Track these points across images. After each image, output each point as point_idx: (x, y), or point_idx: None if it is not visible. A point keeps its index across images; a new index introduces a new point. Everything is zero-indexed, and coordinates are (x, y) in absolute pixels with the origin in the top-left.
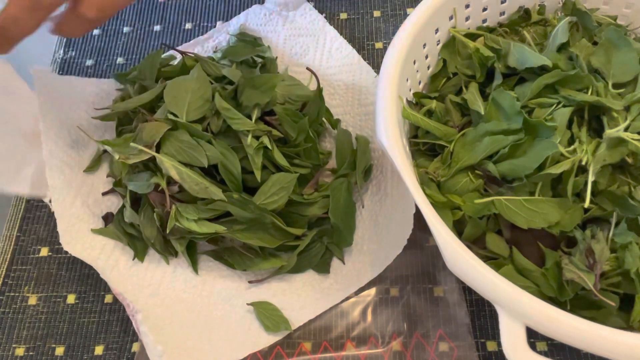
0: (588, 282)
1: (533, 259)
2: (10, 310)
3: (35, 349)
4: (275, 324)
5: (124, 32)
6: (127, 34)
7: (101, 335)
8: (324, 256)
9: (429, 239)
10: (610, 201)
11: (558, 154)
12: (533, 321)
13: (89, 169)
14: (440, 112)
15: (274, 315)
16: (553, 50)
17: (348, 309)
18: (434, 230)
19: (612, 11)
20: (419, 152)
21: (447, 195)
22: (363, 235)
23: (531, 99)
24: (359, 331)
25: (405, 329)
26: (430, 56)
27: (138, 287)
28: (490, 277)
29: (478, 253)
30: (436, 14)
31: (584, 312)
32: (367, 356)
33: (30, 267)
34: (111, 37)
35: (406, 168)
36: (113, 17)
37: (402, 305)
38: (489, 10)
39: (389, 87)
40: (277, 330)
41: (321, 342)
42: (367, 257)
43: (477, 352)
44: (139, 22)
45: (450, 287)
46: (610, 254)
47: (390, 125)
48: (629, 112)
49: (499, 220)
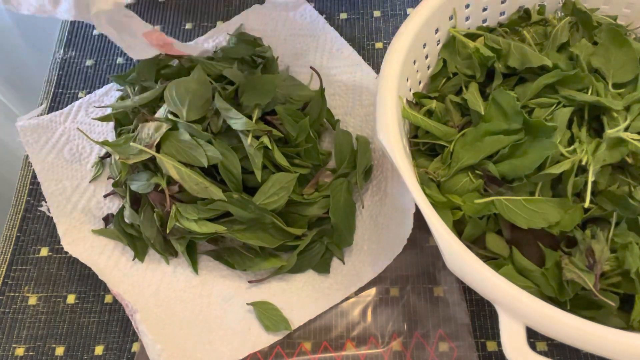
0: (588, 282)
1: (533, 259)
2: (10, 310)
3: (35, 349)
4: (275, 323)
5: None
6: None
7: (101, 335)
8: (324, 256)
9: (429, 239)
10: (610, 201)
11: (558, 154)
12: (533, 321)
13: (94, 178)
14: (440, 112)
15: (274, 315)
16: (553, 50)
17: (348, 309)
18: (434, 230)
19: (612, 11)
20: (419, 152)
21: (447, 195)
22: (363, 235)
23: (531, 99)
24: (359, 331)
25: (405, 329)
26: (430, 56)
27: (138, 287)
28: (490, 277)
29: (478, 253)
30: (436, 14)
31: (584, 312)
32: (367, 356)
33: (30, 267)
34: None
35: (406, 168)
36: None
37: (402, 305)
38: (489, 10)
39: (389, 87)
40: (277, 330)
41: (321, 342)
42: (367, 257)
43: (477, 352)
44: None
45: (450, 287)
46: (610, 254)
47: (390, 125)
48: (629, 112)
49: (499, 220)
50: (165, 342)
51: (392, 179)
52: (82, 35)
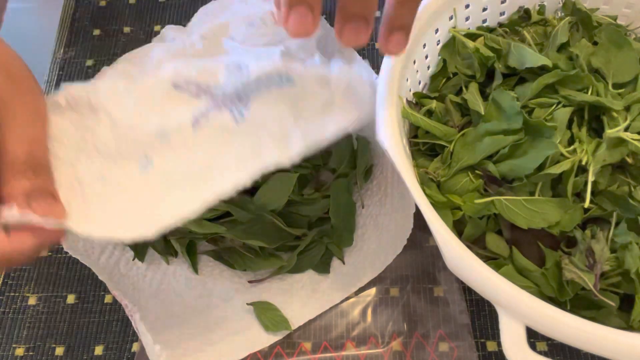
0: (588, 282)
1: (533, 259)
2: (10, 310)
3: (35, 349)
4: (275, 323)
5: (124, 32)
6: (127, 34)
7: (101, 335)
8: (324, 256)
9: (429, 239)
10: (610, 201)
11: (558, 154)
12: (533, 321)
13: None
14: (440, 112)
15: (274, 315)
16: (553, 50)
17: (348, 309)
18: (434, 230)
19: (612, 11)
20: (419, 152)
21: (447, 195)
22: (363, 235)
23: (531, 99)
24: (359, 331)
25: (406, 329)
26: (430, 56)
27: (138, 288)
28: (491, 277)
29: (478, 253)
30: (436, 14)
31: (584, 312)
32: (367, 356)
33: (30, 267)
34: (111, 37)
35: (406, 168)
36: (113, 17)
37: (402, 305)
38: (489, 10)
39: (389, 87)
40: (277, 330)
41: (321, 342)
42: (367, 257)
43: (477, 352)
44: (139, 22)
45: (450, 287)
46: (610, 254)
47: (390, 125)
48: (629, 112)
49: (499, 220)
50: (165, 343)
51: (392, 179)
52: (82, 35)
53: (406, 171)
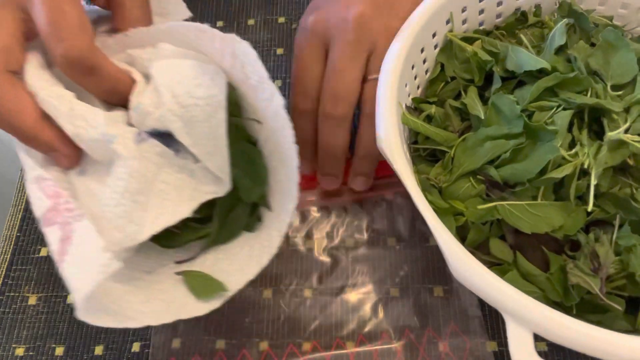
0: (594, 286)
1: (537, 264)
2: (10, 310)
3: (35, 349)
4: (209, 289)
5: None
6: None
7: (101, 335)
8: (251, 212)
9: None
10: (612, 204)
11: (560, 158)
12: (541, 329)
13: None
14: (439, 117)
15: (206, 281)
16: (551, 52)
17: (359, 305)
18: (437, 237)
19: (608, 12)
20: (420, 157)
21: (450, 201)
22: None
23: (531, 103)
24: (371, 327)
25: (417, 324)
26: (428, 60)
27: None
28: (497, 285)
29: (482, 259)
30: (433, 17)
31: (590, 316)
32: (380, 352)
33: (30, 267)
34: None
35: (408, 174)
36: None
37: (412, 300)
38: (486, 13)
39: (388, 93)
40: (211, 295)
41: (333, 339)
42: (279, 197)
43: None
44: None
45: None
46: (615, 257)
47: (391, 131)
48: (628, 114)
49: (502, 226)
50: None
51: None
52: None
53: (408, 178)
